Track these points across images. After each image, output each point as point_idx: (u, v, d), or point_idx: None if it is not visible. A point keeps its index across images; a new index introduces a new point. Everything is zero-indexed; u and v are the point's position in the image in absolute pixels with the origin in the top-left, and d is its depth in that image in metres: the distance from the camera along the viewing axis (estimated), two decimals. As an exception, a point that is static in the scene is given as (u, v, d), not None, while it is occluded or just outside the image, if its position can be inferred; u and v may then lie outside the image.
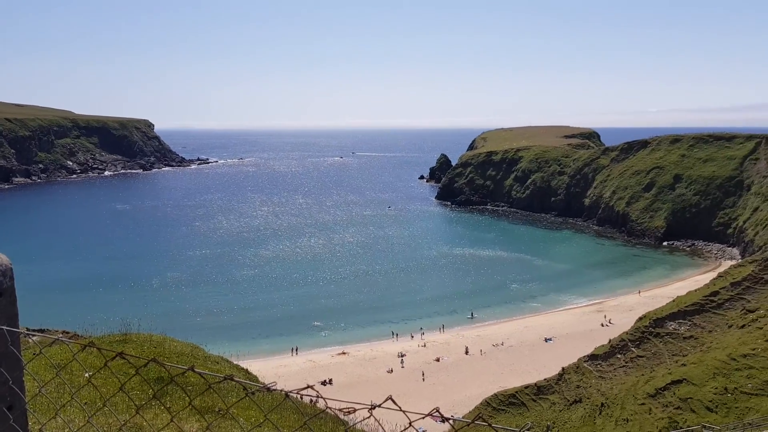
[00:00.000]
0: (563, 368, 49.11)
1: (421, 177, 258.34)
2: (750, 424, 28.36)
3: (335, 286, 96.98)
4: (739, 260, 79.77)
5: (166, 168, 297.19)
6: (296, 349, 69.54)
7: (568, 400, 44.77)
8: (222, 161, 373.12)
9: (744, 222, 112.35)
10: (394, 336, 74.83)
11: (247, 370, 19.72)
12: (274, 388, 2.74)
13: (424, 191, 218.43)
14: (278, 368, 61.82)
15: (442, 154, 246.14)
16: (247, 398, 10.43)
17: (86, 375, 9.22)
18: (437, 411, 2.56)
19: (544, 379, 49.21)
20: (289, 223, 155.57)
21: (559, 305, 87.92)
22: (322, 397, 2.49)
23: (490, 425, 2.05)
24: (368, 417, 2.58)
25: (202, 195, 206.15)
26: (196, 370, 2.21)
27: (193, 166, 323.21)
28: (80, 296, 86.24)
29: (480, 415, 2.21)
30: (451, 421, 2.51)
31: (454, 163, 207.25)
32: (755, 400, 32.43)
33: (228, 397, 11.30)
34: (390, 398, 2.31)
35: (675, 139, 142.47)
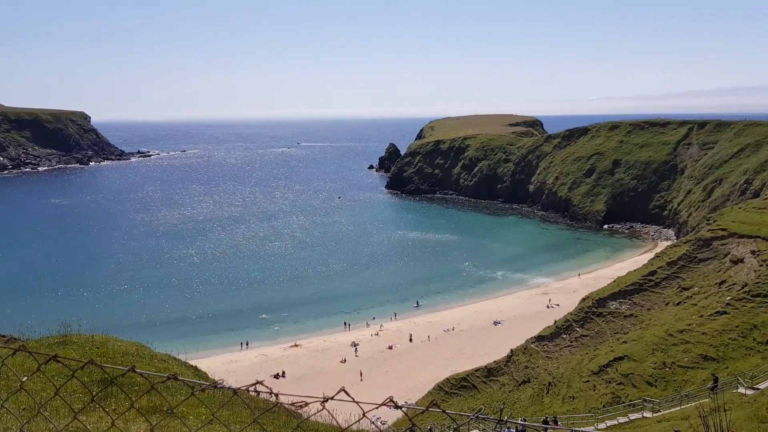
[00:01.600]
0: (512, 350, 50.42)
1: (370, 167, 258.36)
2: (687, 396, 29.88)
3: (286, 278, 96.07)
4: (675, 241, 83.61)
5: (105, 162, 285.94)
6: (247, 344, 68.66)
7: (517, 381, 46.02)
8: (164, 154, 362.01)
9: (678, 204, 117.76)
10: (347, 326, 74.92)
11: (196, 367, 19.26)
12: (221, 385, 2.66)
13: (373, 181, 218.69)
14: (229, 363, 60.89)
15: (391, 144, 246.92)
16: (197, 396, 10.20)
17: (24, 379, 8.79)
18: (390, 400, 2.54)
19: (494, 362, 50.40)
20: (234, 214, 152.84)
21: (507, 289, 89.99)
22: (272, 392, 2.43)
23: (443, 411, 2.04)
24: (321, 410, 2.54)
25: (143, 188, 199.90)
26: (137, 370, 2.11)
27: (133, 160, 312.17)
28: (17, 297, 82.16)
29: (434, 401, 2.19)
30: (404, 409, 2.50)
31: (402, 153, 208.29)
32: (691, 373, 34.20)
33: (177, 395, 11.01)
34: (343, 390, 2.28)
35: (613, 126, 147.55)
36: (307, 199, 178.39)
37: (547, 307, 77.19)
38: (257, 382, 2.41)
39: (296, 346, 68.03)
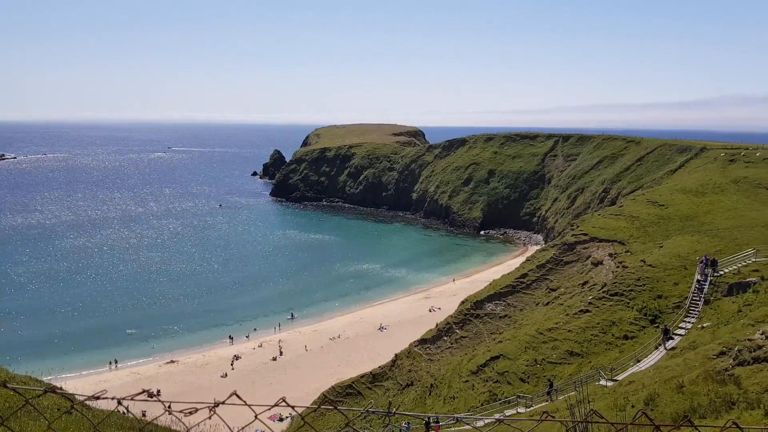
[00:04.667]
0: (396, 355, 51.49)
1: (254, 173, 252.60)
2: (556, 390, 32.21)
3: (157, 289, 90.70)
4: (543, 245, 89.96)
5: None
6: (116, 362, 64.14)
7: (401, 385, 47.06)
8: (22, 157, 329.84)
9: (546, 211, 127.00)
10: (229, 339, 72.41)
11: (61, 388, 17.70)
12: (103, 396, 2.51)
13: (257, 187, 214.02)
14: (97, 384, 56.40)
15: (276, 150, 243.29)
16: (65, 417, 9.44)
17: None
18: (283, 400, 2.55)
19: (379, 367, 51.15)
20: (97, 220, 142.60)
21: (392, 295, 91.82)
22: (159, 399, 2.34)
23: (335, 408, 2.09)
24: (210, 417, 2.49)
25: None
26: (8, 386, 1.95)
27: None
28: None
29: (326, 398, 2.23)
30: (293, 412, 2.52)
31: (287, 160, 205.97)
32: (559, 368, 36.92)
33: (40, 419, 10.07)
34: (234, 393, 2.25)
35: (489, 138, 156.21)
36: (184, 206, 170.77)
37: (430, 311, 79.71)
38: (143, 391, 2.31)
39: (172, 362, 64.60)
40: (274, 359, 65.86)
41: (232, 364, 63.45)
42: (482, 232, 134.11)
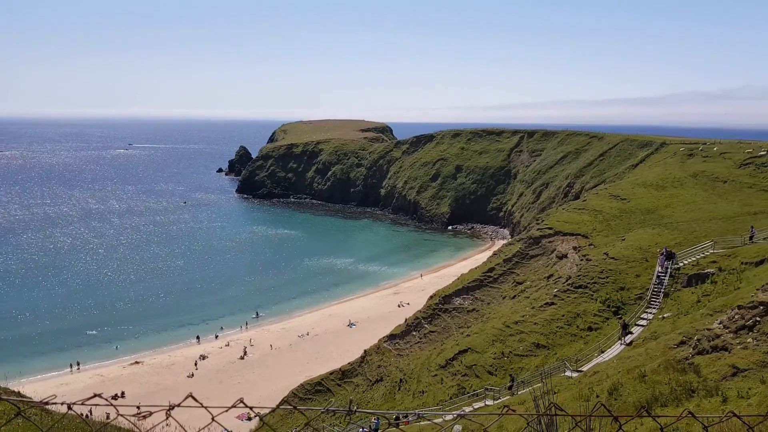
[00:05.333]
0: (365, 351, 51.53)
1: (220, 170, 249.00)
2: (522, 382, 32.69)
3: (119, 288, 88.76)
4: (510, 239, 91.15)
5: None
6: (78, 364, 62.57)
7: (371, 381, 47.12)
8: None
9: (512, 206, 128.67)
10: (196, 339, 71.33)
11: (19, 393, 17.16)
12: (52, 401, 2.41)
13: (223, 184, 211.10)
14: (59, 387, 54.99)
15: (242, 147, 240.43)
16: (19, 422, 9.14)
17: None
18: (241, 401, 2.48)
19: (348, 364, 51.12)
20: (57, 218, 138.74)
21: (361, 291, 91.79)
22: (112, 404, 2.25)
23: (295, 408, 2.05)
24: (167, 420, 2.41)
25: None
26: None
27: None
28: None
29: (284, 399, 2.17)
30: (255, 410, 2.46)
31: (254, 156, 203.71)
32: (526, 361, 37.48)
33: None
34: (190, 395, 2.18)
35: (455, 134, 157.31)
36: (147, 203, 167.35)
37: (399, 306, 79.96)
38: (95, 395, 2.22)
39: (137, 363, 63.36)
40: (242, 358, 65.18)
41: (195, 364, 62.45)
42: (450, 227, 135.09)
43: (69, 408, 2.17)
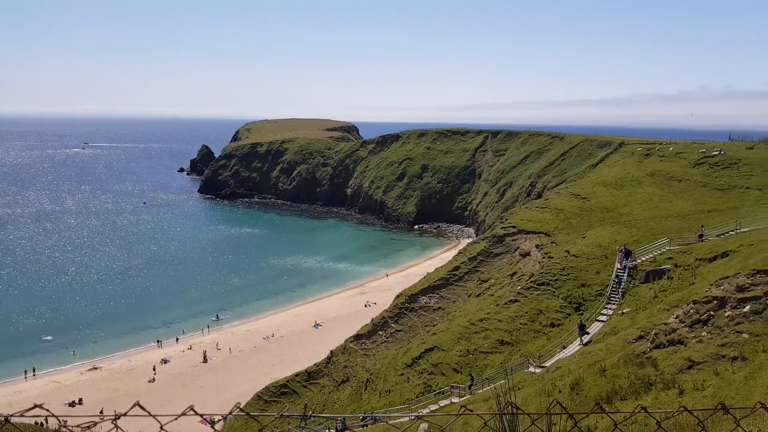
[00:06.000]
0: (331, 351, 51.31)
1: (181, 170, 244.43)
2: (487, 379, 33.05)
3: (74, 291, 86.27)
4: (474, 238, 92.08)
5: None
6: (33, 371, 60.56)
7: (337, 381, 46.93)
8: None
9: (477, 205, 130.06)
10: (157, 343, 69.81)
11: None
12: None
13: (185, 184, 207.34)
14: (12, 395, 53.15)
15: (204, 145, 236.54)
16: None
17: None
18: (191, 409, 2.40)
19: (314, 365, 50.81)
20: (8, 219, 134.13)
21: (327, 291, 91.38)
22: (54, 415, 2.15)
23: (248, 414, 1.99)
24: (113, 428, 2.31)
25: None
26: None
27: None
28: None
29: (236, 404, 2.12)
30: (206, 416, 2.39)
31: (217, 155, 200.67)
32: (490, 358, 37.90)
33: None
34: (137, 404, 2.09)
35: (421, 134, 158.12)
36: (104, 203, 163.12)
37: (365, 306, 79.91)
38: (35, 406, 2.11)
39: (95, 368, 61.71)
40: (205, 361, 64.12)
41: (154, 369, 61.03)
42: (416, 227, 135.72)
43: (6, 421, 2.06)
